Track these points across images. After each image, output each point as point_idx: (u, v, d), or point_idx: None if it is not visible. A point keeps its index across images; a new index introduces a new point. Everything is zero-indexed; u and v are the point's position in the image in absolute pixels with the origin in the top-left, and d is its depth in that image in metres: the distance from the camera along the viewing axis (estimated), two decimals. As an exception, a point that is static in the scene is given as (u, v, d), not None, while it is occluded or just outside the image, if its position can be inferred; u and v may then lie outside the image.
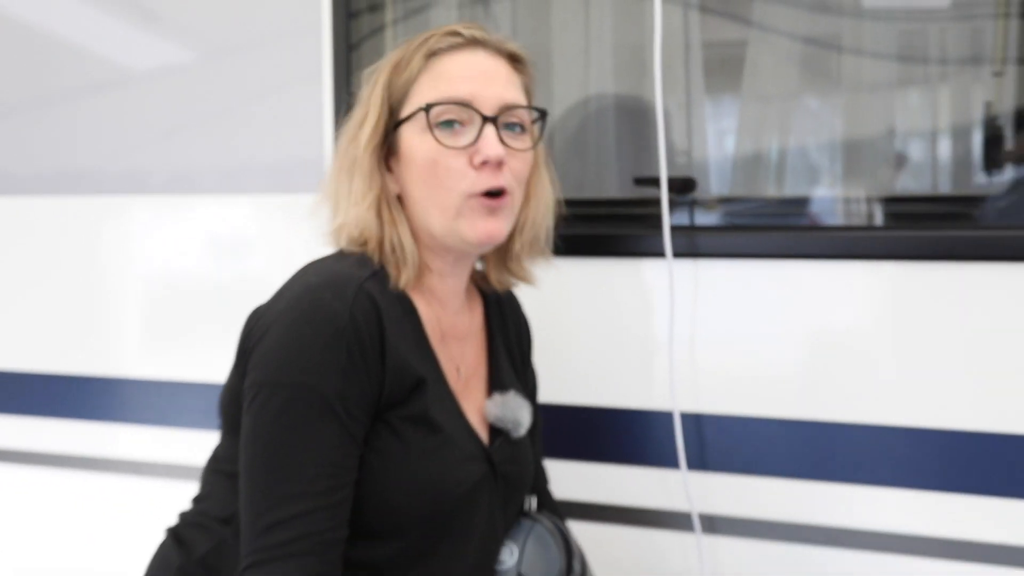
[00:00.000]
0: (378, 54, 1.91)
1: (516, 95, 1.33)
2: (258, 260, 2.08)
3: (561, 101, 1.96)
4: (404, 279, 1.29)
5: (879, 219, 1.77)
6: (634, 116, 1.93)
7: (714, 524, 1.74)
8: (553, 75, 1.95)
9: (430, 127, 1.28)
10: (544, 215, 1.42)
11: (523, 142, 1.33)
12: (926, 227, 1.72)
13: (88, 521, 2.21)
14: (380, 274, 1.27)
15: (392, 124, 1.32)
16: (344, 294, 1.21)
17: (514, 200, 1.33)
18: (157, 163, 2.11)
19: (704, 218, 1.84)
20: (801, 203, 1.85)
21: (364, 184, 1.31)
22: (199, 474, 1.59)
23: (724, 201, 1.89)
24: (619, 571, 1.73)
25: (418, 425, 1.26)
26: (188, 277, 2.14)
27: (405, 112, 1.31)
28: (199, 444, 1.98)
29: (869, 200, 1.79)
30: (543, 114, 1.37)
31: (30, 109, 2.22)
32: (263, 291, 1.34)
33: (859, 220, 1.79)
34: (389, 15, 2.00)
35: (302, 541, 1.17)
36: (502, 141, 1.29)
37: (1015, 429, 1.56)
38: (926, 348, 1.62)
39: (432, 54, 1.31)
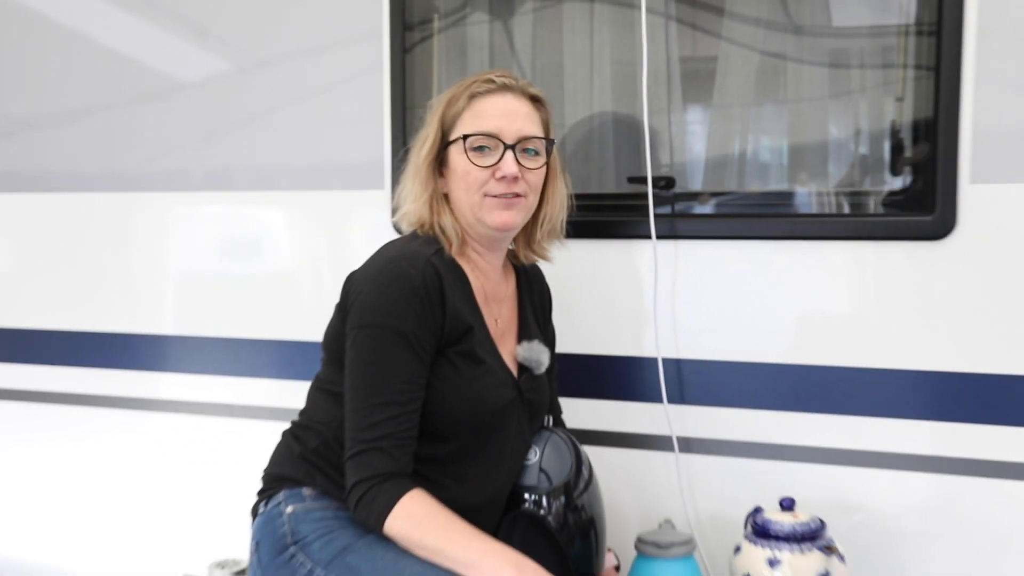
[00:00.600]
0: (427, 57, 2.22)
1: (533, 128, 1.68)
2: (277, 251, 2.34)
3: (571, 113, 2.20)
4: (452, 249, 1.67)
5: (818, 207, 2.00)
6: (628, 129, 2.12)
7: (689, 445, 2.00)
8: (564, 91, 2.19)
9: (466, 151, 1.66)
10: (560, 210, 1.79)
11: (536, 162, 1.69)
12: (853, 214, 1.99)
13: (135, 449, 2.49)
14: (441, 251, 1.66)
15: (443, 144, 1.71)
16: (416, 263, 1.59)
17: (528, 202, 1.70)
18: (244, 160, 2.35)
19: (682, 208, 2.07)
20: (757, 196, 2.07)
21: (420, 186, 1.71)
22: (224, 410, 2.01)
23: (697, 194, 2.10)
24: (615, 482, 1.96)
25: (467, 359, 1.64)
26: (209, 263, 2.39)
27: (452, 137, 1.69)
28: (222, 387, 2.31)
29: (810, 192, 2.02)
30: (551, 142, 1.73)
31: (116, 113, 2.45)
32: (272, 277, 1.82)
33: (802, 209, 2.01)
34: (435, 26, 2.23)
35: (388, 438, 1.54)
36: (519, 162, 1.66)
37: (935, 367, 1.83)
38: (862, 304, 1.87)
39: (473, 96, 1.68)
